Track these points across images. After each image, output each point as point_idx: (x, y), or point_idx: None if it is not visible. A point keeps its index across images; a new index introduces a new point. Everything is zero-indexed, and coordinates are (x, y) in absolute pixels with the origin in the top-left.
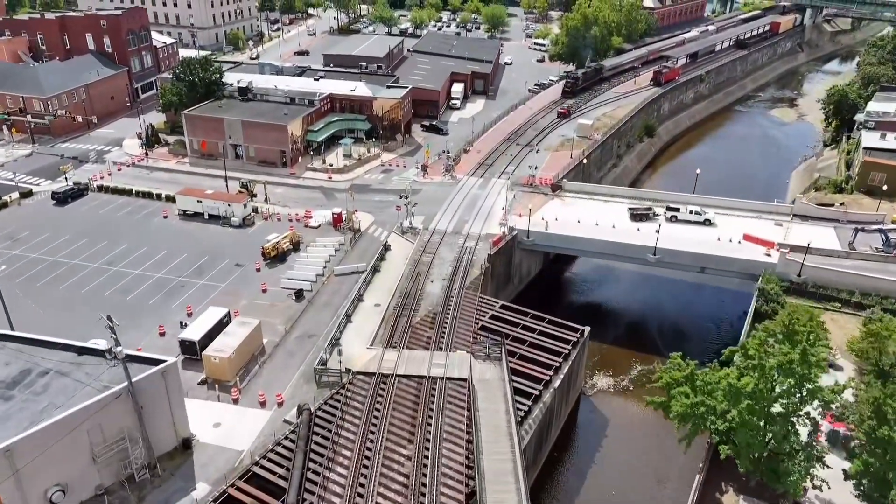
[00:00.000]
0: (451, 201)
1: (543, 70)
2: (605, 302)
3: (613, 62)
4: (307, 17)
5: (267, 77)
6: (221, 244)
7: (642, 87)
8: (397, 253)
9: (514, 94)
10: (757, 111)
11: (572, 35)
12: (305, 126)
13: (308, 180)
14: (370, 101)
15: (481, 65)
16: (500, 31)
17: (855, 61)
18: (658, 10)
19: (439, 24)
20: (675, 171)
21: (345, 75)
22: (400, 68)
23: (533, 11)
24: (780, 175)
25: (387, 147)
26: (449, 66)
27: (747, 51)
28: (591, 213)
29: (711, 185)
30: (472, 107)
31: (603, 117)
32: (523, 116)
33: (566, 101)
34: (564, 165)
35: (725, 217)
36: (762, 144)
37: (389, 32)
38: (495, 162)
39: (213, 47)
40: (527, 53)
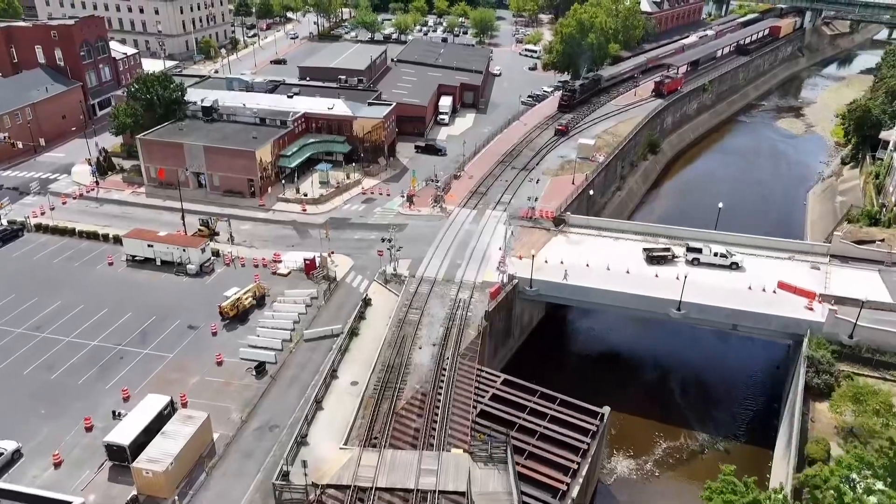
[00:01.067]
0: (442, 239)
1: (536, 79)
2: (616, 353)
3: (612, 72)
4: (286, 21)
5: (235, 94)
6: (174, 299)
7: (643, 98)
8: (379, 308)
9: (507, 107)
10: (762, 122)
11: (567, 43)
12: (277, 150)
13: (279, 213)
14: (350, 120)
15: (471, 75)
16: (489, 36)
17: (853, 65)
18: (656, 15)
19: (425, 29)
20: (683, 191)
21: (322, 91)
22: (383, 81)
23: (522, 15)
24: (796, 195)
25: (368, 171)
26: (436, 78)
27: (749, 57)
28: (601, 253)
29: (723, 209)
30: (462, 122)
31: (604, 134)
32: (518, 134)
33: (563, 115)
34: (567, 195)
35: (753, 258)
36: (772, 160)
37: (372, 38)
38: (489, 190)
39: (182, 56)
40: (517, 60)
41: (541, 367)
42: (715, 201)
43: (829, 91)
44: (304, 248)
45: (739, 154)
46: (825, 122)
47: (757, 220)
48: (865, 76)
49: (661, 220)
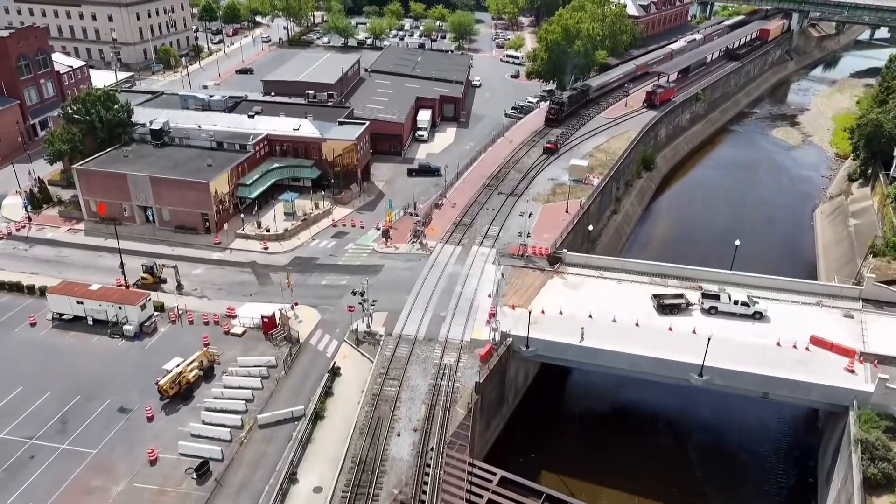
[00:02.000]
0: (423, 285)
1: (519, 88)
2: (624, 412)
3: (600, 81)
4: (254, 26)
5: (189, 114)
6: (105, 370)
7: (635, 109)
8: (350, 380)
9: (490, 119)
10: (756, 131)
11: (552, 50)
12: (235, 179)
13: (237, 253)
14: (318, 143)
15: (450, 86)
16: (468, 40)
17: (841, 68)
18: (643, 19)
19: (401, 34)
20: (682, 212)
21: (287, 108)
22: (356, 94)
23: (502, 18)
24: (801, 215)
25: (340, 199)
26: (413, 90)
27: (740, 62)
28: (604, 299)
29: (723, 231)
30: (442, 138)
31: (596, 152)
32: (503, 153)
33: (551, 129)
34: (560, 226)
35: (776, 304)
36: (772, 174)
37: (345, 44)
38: (475, 220)
39: (140, 66)
40: (498, 67)
41: (538, 435)
42: (716, 221)
43: (821, 97)
44: (265, 296)
45: (737, 168)
46: (821, 130)
47: (763, 246)
48: (855, 80)
49: (661, 246)
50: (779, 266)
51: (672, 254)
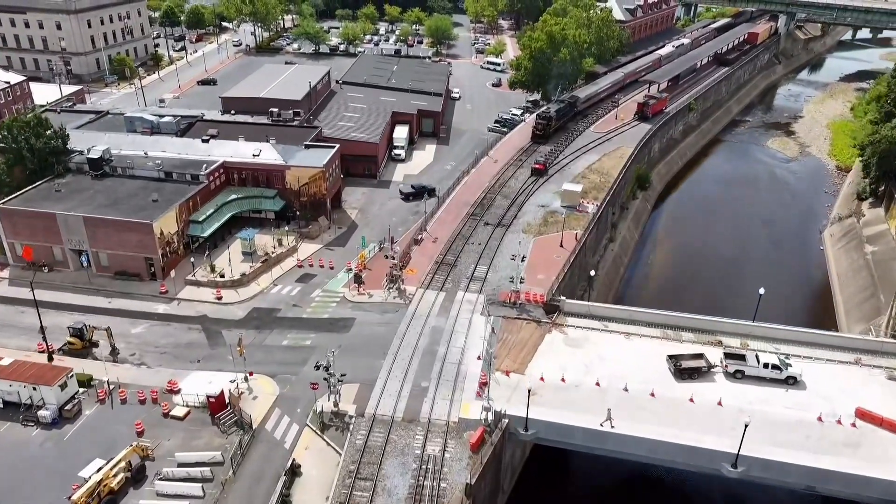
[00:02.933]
0: (401, 345)
1: (502, 98)
2: (633, 490)
3: (588, 92)
4: (220, 31)
5: (134, 139)
6: (11, 474)
7: (626, 122)
8: (312, 481)
9: (472, 135)
10: (751, 142)
11: (536, 59)
12: (186, 215)
13: (186, 304)
14: (281, 170)
15: (429, 99)
16: (446, 46)
17: (828, 71)
18: (629, 24)
19: (376, 39)
20: (681, 236)
21: (248, 130)
22: (326, 110)
23: (481, 21)
24: (808, 237)
25: (307, 233)
26: (389, 104)
27: (730, 68)
28: (612, 359)
29: (728, 260)
30: (421, 156)
31: (589, 173)
32: (488, 175)
33: (538, 146)
34: (555, 263)
35: (807, 363)
36: (773, 191)
37: (317, 50)
38: (459, 258)
39: (93, 77)
40: (479, 75)
41: None
42: (718, 248)
43: (813, 103)
44: (215, 362)
45: (735, 183)
46: (818, 140)
47: (772, 276)
48: (845, 84)
49: (662, 279)
50: (791, 300)
51: (676, 290)
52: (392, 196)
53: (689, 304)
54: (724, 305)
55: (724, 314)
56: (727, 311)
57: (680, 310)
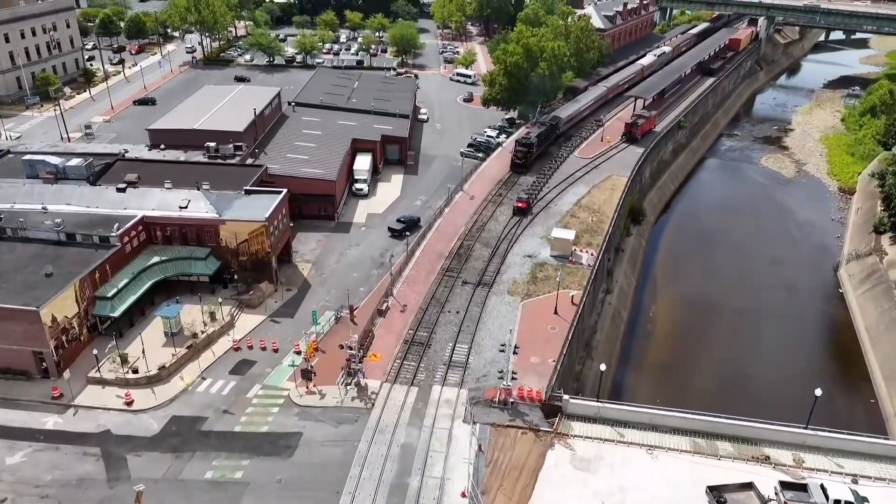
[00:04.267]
0: (360, 478)
1: (475, 116)
2: None
3: (570, 111)
4: (165, 41)
5: (33, 188)
6: None
7: (613, 144)
8: None
9: (443, 161)
10: (743, 160)
11: (512, 75)
12: (90, 291)
13: (84, 415)
14: (215, 224)
15: (394, 122)
16: (412, 55)
17: (809, 77)
18: (609, 32)
19: (336, 48)
20: (683, 278)
21: (177, 173)
22: (275, 139)
23: (448, 26)
24: (822, 277)
25: (247, 301)
26: (349, 129)
27: (715, 78)
28: (633, 487)
29: (740, 312)
30: (386, 190)
31: (578, 210)
32: (464, 214)
33: (519, 176)
34: (551, 344)
35: (878, 489)
36: (775, 218)
37: (271, 62)
38: (434, 333)
39: (12, 98)
40: (448, 88)
41: None
42: (727, 293)
43: (801, 113)
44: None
45: (735, 211)
46: (814, 157)
47: (790, 331)
48: (831, 92)
49: (670, 340)
50: (812, 360)
51: (685, 355)
52: (353, 243)
53: (704, 376)
54: (745, 374)
55: (746, 387)
56: (749, 383)
57: (695, 386)
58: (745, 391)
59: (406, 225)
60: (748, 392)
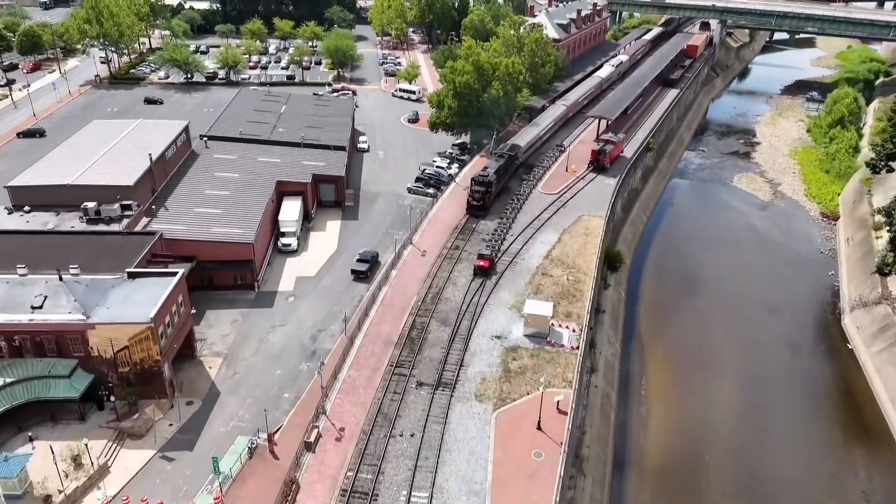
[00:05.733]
0: None
1: (422, 141)
2: None
3: (530, 136)
4: (66, 56)
5: None
6: None
7: (579, 175)
8: None
9: (387, 199)
10: (715, 180)
11: (462, 96)
12: None
13: None
14: (81, 330)
15: (329, 156)
16: (350, 68)
17: (761, 81)
18: (564, 42)
19: (265, 61)
20: (673, 343)
21: (36, 250)
22: (179, 188)
23: (388, 33)
24: (827, 330)
25: (129, 430)
26: (273, 168)
27: (678, 90)
28: None
29: (743, 383)
30: (320, 242)
31: (549, 265)
32: (415, 278)
33: (477, 220)
34: (539, 484)
35: None
36: (760, 251)
37: (189, 79)
38: (380, 479)
39: None
40: (391, 106)
41: None
42: (728, 361)
43: (765, 124)
44: None
45: (716, 245)
46: (787, 175)
47: (804, 406)
48: (790, 98)
49: (671, 446)
50: (839, 450)
51: (689, 450)
52: (278, 322)
53: (715, 480)
54: (760, 471)
55: (765, 490)
56: (768, 485)
57: (708, 496)
58: (764, 496)
59: (370, 263)
60: (769, 498)
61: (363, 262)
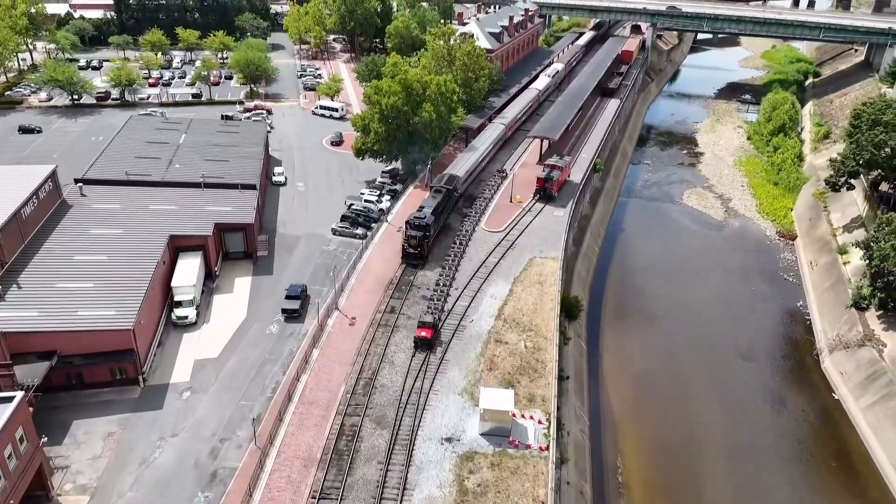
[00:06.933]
0: None
1: (346, 166)
2: None
3: (468, 163)
4: None
5: None
6: None
7: (526, 206)
8: None
9: (309, 244)
10: (663, 197)
11: (390, 120)
12: None
13: None
14: None
15: (236, 199)
16: (264, 84)
17: (692, 84)
18: (497, 52)
19: (168, 76)
20: (646, 415)
21: None
22: (40, 255)
23: (307, 41)
24: (808, 374)
25: None
26: (166, 218)
27: (618, 100)
28: None
29: (719, 436)
30: (226, 309)
31: (503, 328)
32: (341, 359)
33: (415, 270)
34: None
35: None
36: (723, 280)
37: (76, 101)
38: None
39: None
40: (311, 127)
41: None
42: (704, 416)
43: (704, 131)
44: None
45: (676, 276)
46: (737, 189)
47: (799, 480)
48: (725, 103)
49: None
50: None
51: None
52: (168, 431)
53: None
54: None
55: None
56: None
57: None
58: None
59: (301, 298)
60: None
61: (293, 300)
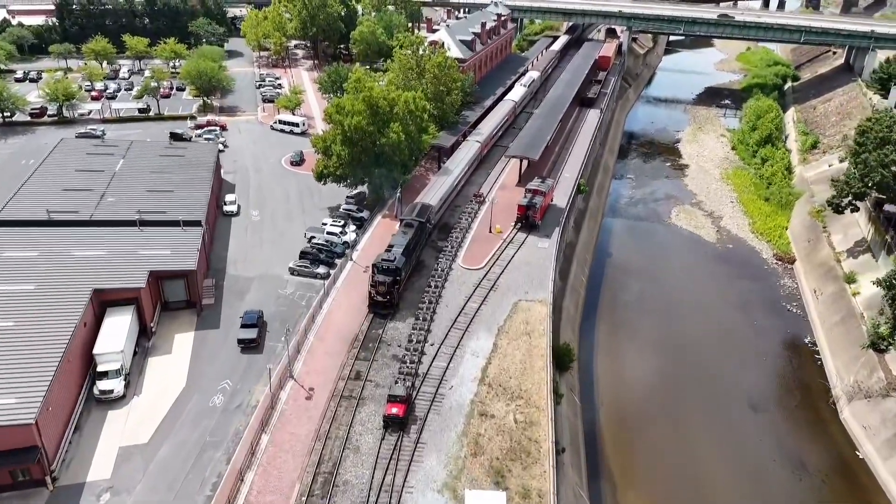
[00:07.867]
0: None
1: (308, 190)
2: None
3: (441, 190)
4: None
5: None
6: None
7: (507, 237)
8: None
9: (262, 287)
10: (650, 216)
11: (355, 142)
12: None
13: None
14: None
15: (178, 238)
16: (219, 96)
17: (669, 88)
18: (470, 62)
19: (113, 89)
20: (652, 473)
21: None
22: None
23: (267, 48)
24: (828, 429)
25: None
26: (92, 267)
27: (598, 111)
28: None
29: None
30: (162, 376)
31: (489, 397)
32: (297, 446)
33: (384, 321)
34: None
35: None
36: (721, 314)
37: (7, 119)
38: None
39: None
40: (269, 144)
41: None
42: (719, 482)
43: (687, 141)
44: None
45: (673, 310)
46: (727, 206)
47: None
48: (706, 109)
49: None
50: None
51: None
52: None
53: None
54: None
55: None
56: None
57: None
58: None
59: (258, 326)
60: None
61: (250, 328)
